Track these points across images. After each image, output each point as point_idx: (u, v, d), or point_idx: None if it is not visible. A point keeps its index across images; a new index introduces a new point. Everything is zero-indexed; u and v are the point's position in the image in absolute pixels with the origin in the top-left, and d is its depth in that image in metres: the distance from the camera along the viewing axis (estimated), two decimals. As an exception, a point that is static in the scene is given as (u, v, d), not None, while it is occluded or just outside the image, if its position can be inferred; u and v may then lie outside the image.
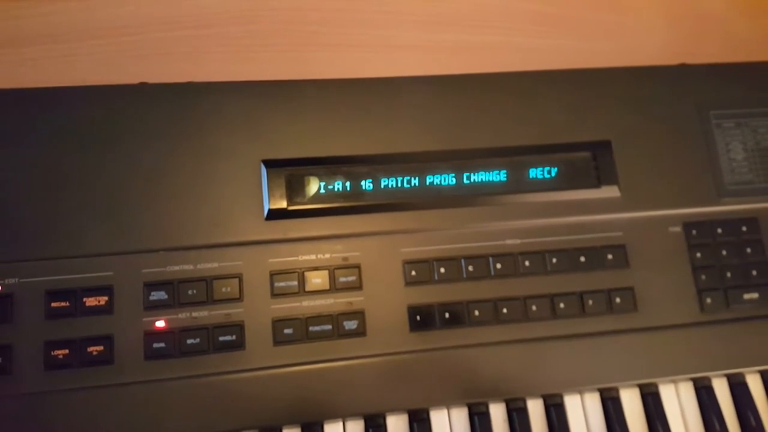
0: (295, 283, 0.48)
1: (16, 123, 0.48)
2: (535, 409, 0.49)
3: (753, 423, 0.51)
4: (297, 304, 0.48)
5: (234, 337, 0.46)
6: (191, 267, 0.47)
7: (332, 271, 0.49)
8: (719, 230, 0.54)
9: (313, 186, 0.50)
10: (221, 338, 0.46)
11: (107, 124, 0.49)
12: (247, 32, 0.63)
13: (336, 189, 0.50)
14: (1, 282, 0.45)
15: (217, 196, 0.49)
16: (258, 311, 0.47)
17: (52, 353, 0.44)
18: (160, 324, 0.46)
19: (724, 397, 0.51)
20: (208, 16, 0.63)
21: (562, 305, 0.50)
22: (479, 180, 0.52)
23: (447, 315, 0.49)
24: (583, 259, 0.51)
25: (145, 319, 0.46)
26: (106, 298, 0.46)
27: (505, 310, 0.50)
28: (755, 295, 0.53)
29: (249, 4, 0.64)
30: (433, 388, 0.48)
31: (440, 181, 0.52)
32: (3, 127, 0.48)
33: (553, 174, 0.53)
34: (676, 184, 0.54)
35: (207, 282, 0.47)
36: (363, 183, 0.51)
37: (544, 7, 0.69)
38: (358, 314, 0.48)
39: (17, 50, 0.60)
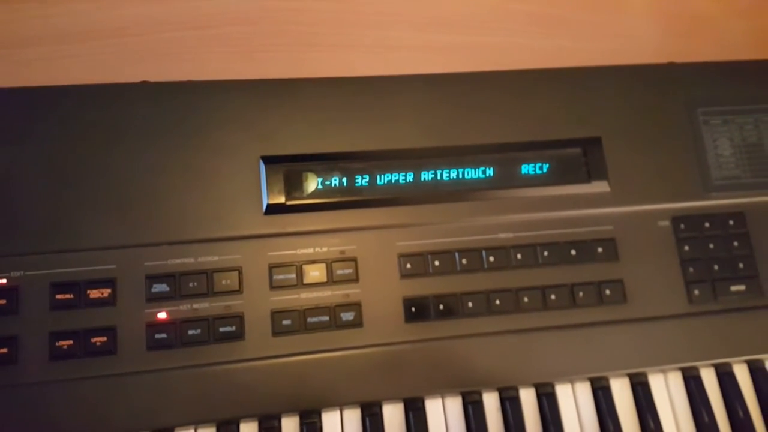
0: (294, 275, 0.49)
1: (21, 121, 0.49)
2: (528, 397, 0.50)
3: (741, 414, 0.52)
4: (295, 296, 0.49)
5: (234, 328, 0.47)
6: (192, 260, 0.48)
7: (329, 264, 0.50)
8: (707, 224, 0.55)
9: (311, 181, 0.52)
10: (221, 329, 0.47)
11: (109, 122, 0.50)
12: (246, 33, 0.65)
13: (333, 184, 0.52)
14: (7, 275, 0.46)
15: (217, 192, 0.50)
16: (257, 303, 0.48)
17: (57, 344, 0.46)
18: (162, 315, 0.47)
19: (711, 386, 0.52)
20: (209, 17, 0.65)
21: (553, 297, 0.51)
22: (473, 175, 0.53)
23: (441, 306, 0.50)
24: (573, 252, 0.53)
25: (147, 311, 0.47)
26: (109, 290, 0.47)
27: (497, 302, 0.51)
28: (742, 287, 0.54)
29: (248, 5, 0.65)
30: (428, 377, 0.49)
31: (435, 176, 0.53)
32: (8, 124, 0.49)
33: (544, 170, 0.54)
34: (664, 179, 0.55)
35: (207, 275, 0.48)
36: (359, 178, 0.52)
37: (537, 8, 0.70)
38: (355, 306, 0.49)
39: (21, 51, 0.61)
